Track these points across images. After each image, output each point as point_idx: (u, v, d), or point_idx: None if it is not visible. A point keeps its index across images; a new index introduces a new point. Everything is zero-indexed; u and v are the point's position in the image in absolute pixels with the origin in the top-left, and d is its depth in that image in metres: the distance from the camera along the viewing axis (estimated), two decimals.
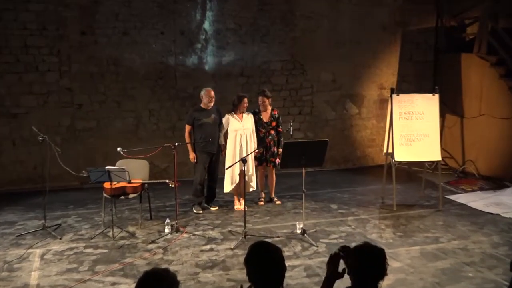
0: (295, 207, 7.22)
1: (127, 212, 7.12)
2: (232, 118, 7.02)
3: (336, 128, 10.39)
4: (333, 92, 10.27)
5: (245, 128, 6.96)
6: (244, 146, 6.91)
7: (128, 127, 9.31)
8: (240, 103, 7.00)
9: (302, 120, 10.20)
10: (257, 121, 7.14)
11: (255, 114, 7.19)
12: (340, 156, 10.45)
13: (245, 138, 6.92)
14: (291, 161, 5.81)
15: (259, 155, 7.17)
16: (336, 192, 8.14)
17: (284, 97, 10.01)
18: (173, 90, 9.46)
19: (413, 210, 7.05)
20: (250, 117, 7.08)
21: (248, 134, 6.95)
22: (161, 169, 9.40)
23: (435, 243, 5.82)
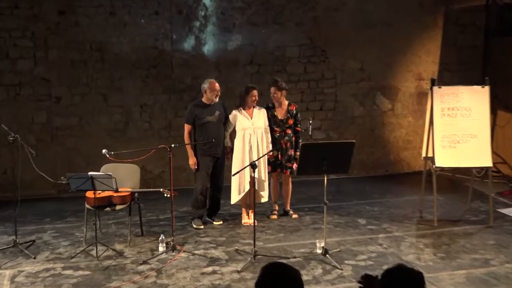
0: (314, 222, 7.20)
1: (114, 226, 7.15)
2: (240, 114, 7.01)
3: (364, 127, 10.36)
4: (361, 84, 10.25)
5: (255, 127, 6.96)
6: (254, 148, 6.91)
7: (115, 125, 9.36)
8: (248, 96, 7.01)
9: (323, 117, 10.19)
10: (270, 118, 7.14)
11: (268, 110, 7.19)
12: (370, 160, 10.42)
13: (256, 138, 6.92)
14: (310, 167, 5.80)
15: (273, 159, 7.17)
16: (364, 204, 8.12)
17: (302, 90, 10.02)
18: (169, 81, 9.50)
19: (457, 227, 7.00)
20: (263, 113, 7.08)
21: (259, 134, 6.95)
22: (155, 175, 9.44)
23: (485, 266, 5.78)
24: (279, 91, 7.19)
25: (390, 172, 10.46)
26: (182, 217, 7.44)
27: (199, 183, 6.98)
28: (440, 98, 7.31)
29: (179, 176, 8.72)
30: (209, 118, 6.89)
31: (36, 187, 8.47)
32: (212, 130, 6.88)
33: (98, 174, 5.95)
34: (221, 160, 7.06)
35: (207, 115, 6.90)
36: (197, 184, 7.02)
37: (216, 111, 6.96)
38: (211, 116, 6.91)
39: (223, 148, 7.07)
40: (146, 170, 9.20)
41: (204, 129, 6.89)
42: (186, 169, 7.54)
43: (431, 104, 7.33)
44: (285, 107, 7.24)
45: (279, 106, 7.23)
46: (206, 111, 6.92)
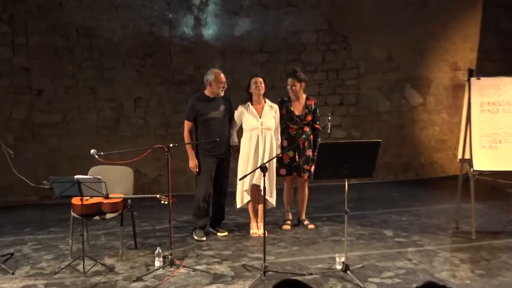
0: (333, 234, 7.19)
1: (104, 238, 7.17)
2: (247, 112, 6.97)
3: (391, 125, 10.35)
4: (387, 75, 10.24)
5: (264, 127, 6.92)
6: (261, 148, 6.91)
7: (105, 121, 9.41)
8: (250, 85, 6.98)
9: (344, 113, 10.19)
10: (285, 113, 7.11)
11: (283, 104, 7.16)
12: (397, 163, 10.40)
13: (264, 141, 6.89)
14: (329, 170, 5.78)
15: (288, 160, 7.15)
16: (391, 213, 8.09)
17: (319, 81, 10.02)
18: (167, 71, 9.53)
19: (499, 239, 6.96)
20: (275, 111, 7.03)
21: (269, 136, 6.91)
22: (150, 179, 9.47)
23: None
24: (298, 82, 7.14)
25: (420, 176, 10.43)
26: (181, 228, 7.45)
27: (201, 187, 6.98)
28: (479, 91, 7.27)
29: (179, 180, 8.74)
30: (213, 113, 6.88)
31: (15, 193, 8.53)
32: (216, 127, 6.87)
33: (86, 178, 5.96)
34: (225, 161, 7.05)
35: (211, 110, 6.88)
36: (199, 189, 7.01)
37: (221, 105, 6.94)
38: (216, 111, 6.89)
39: (228, 148, 7.06)
40: (141, 174, 9.23)
41: (207, 126, 6.87)
42: (186, 172, 7.56)
43: (468, 98, 7.29)
44: (302, 102, 7.20)
45: (296, 100, 7.19)
46: (209, 105, 6.90)
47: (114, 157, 6.41)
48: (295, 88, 7.13)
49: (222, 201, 7.21)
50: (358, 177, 7.01)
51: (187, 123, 6.97)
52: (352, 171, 5.73)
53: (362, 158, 5.76)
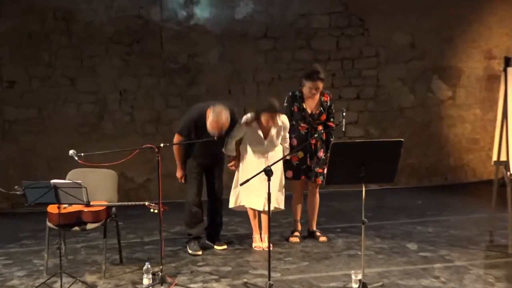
0: (349, 247, 7.18)
1: (84, 251, 7.18)
2: (251, 133, 6.96)
3: (415, 122, 10.34)
4: (411, 64, 10.23)
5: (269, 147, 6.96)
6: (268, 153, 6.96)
7: (86, 117, 9.42)
8: (261, 119, 6.90)
9: (361, 107, 10.18)
10: (297, 111, 7.09)
11: (295, 101, 7.13)
12: (423, 166, 10.39)
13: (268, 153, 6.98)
14: (343, 174, 5.77)
15: (297, 161, 7.14)
16: (415, 224, 8.09)
17: (333, 72, 10.02)
18: (157, 60, 9.54)
19: None
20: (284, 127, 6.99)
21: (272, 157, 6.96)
22: (138, 184, 9.48)
23: None
24: (322, 83, 7.05)
25: (449, 181, 10.42)
26: (174, 240, 7.44)
27: (190, 191, 7.00)
28: None
29: (170, 185, 8.71)
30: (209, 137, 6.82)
31: None
32: (210, 147, 6.85)
33: (64, 183, 5.95)
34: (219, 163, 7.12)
35: (208, 136, 6.80)
36: (188, 192, 7.03)
37: None
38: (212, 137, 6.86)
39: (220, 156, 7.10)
40: (127, 178, 9.23)
41: (200, 144, 6.85)
42: None
43: (504, 90, 7.26)
44: (316, 98, 7.17)
45: (310, 97, 7.16)
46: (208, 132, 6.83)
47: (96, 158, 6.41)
48: (316, 91, 7.09)
49: (219, 208, 7.22)
50: (377, 182, 6.99)
51: (178, 137, 6.95)
52: (370, 175, 5.72)
53: (381, 160, 5.75)
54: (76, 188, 5.86)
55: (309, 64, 9.83)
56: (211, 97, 9.63)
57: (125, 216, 7.88)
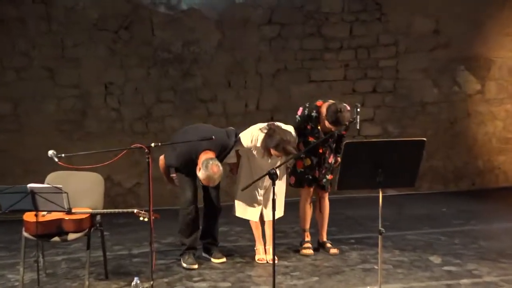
0: (364, 260, 7.18)
1: (65, 265, 7.17)
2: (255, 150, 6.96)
3: (439, 119, 10.33)
4: (435, 53, 10.22)
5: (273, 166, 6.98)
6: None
7: (68, 114, 9.42)
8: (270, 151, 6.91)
9: (378, 102, 10.17)
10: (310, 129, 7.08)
11: (310, 121, 7.10)
12: (447, 169, 10.38)
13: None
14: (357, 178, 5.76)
15: (301, 169, 7.14)
16: (439, 234, 8.08)
17: (346, 61, 10.02)
18: (148, 49, 9.54)
19: None
20: None
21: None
22: (126, 189, 9.48)
23: None
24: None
25: (478, 186, 10.40)
26: (166, 252, 7.45)
27: (183, 195, 7.00)
28: None
29: (162, 190, 8.73)
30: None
31: None
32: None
33: (42, 187, 5.96)
34: None
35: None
36: (181, 197, 7.04)
37: None
38: None
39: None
40: (113, 182, 9.24)
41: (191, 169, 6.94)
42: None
43: None
44: None
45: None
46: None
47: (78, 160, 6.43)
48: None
49: (216, 217, 7.22)
50: (396, 187, 6.97)
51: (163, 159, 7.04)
52: (388, 179, 5.71)
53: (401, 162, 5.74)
54: (56, 193, 5.86)
55: (318, 53, 9.85)
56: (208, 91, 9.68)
57: (111, 225, 7.88)
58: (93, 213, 6.42)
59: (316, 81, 9.91)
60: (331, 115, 6.83)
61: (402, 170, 5.77)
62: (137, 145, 6.26)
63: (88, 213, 6.37)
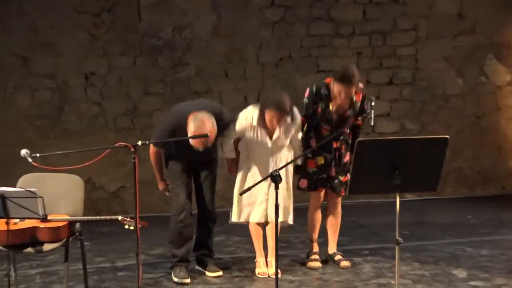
0: (379, 274, 7.19)
1: (40, 279, 7.18)
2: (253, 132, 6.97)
3: (464, 114, 10.33)
4: (459, 40, 10.23)
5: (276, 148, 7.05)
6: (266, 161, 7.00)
7: (43, 108, 9.42)
8: (264, 117, 6.92)
9: (395, 95, 10.19)
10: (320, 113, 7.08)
11: (319, 99, 7.11)
12: (474, 170, 10.38)
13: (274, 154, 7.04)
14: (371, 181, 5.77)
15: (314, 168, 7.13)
16: (464, 244, 8.09)
17: (358, 49, 10.03)
18: (134, 35, 9.53)
19: None
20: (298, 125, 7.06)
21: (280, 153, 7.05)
22: (109, 193, 9.48)
23: None
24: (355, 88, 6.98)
25: (508, 190, 10.41)
26: (154, 265, 7.47)
27: (176, 201, 7.03)
28: None
29: (151, 195, 8.75)
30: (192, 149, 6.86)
31: None
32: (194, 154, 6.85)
33: (14, 191, 5.96)
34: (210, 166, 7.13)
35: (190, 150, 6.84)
36: (173, 204, 7.06)
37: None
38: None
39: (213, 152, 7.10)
40: (95, 185, 9.24)
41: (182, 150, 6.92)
42: None
43: None
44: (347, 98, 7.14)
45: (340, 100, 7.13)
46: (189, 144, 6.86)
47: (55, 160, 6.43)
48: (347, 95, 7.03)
49: (210, 225, 7.23)
50: (416, 190, 6.98)
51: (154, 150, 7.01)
52: (406, 182, 5.72)
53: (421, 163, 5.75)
54: (30, 198, 5.86)
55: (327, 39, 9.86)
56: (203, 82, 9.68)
57: (92, 234, 7.89)
58: (72, 220, 6.42)
59: (325, 71, 9.88)
60: (339, 71, 7.01)
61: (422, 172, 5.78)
62: (122, 144, 6.26)
63: (66, 220, 6.37)
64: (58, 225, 6.29)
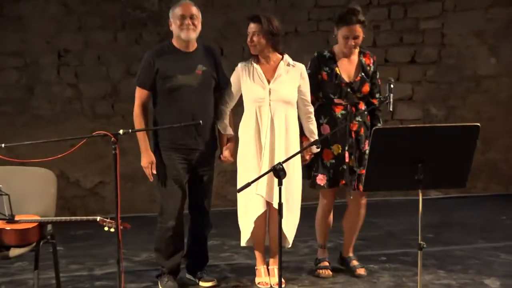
0: (399, 284, 7.21)
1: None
2: (248, 74, 6.98)
3: (499, 98, 10.37)
4: (493, 12, 10.24)
5: (275, 98, 6.94)
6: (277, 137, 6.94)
7: (9, 91, 9.45)
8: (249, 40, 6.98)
9: (418, 77, 10.22)
10: (327, 80, 7.10)
11: (323, 63, 7.12)
12: (509, 164, 10.42)
13: (278, 120, 6.95)
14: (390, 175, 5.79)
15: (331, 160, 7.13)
16: (497, 250, 8.11)
17: (375, 22, 10.05)
18: (114, 6, 9.55)
19: None
20: (300, 73, 7.04)
21: (282, 112, 6.95)
22: (86, 190, 9.51)
23: None
24: (362, 27, 7.01)
25: None
26: (138, 273, 7.50)
27: (166, 206, 7.01)
28: None
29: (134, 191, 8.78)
30: (183, 78, 6.85)
31: None
32: (189, 102, 6.85)
33: None
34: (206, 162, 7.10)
35: (180, 73, 6.83)
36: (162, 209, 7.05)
37: (199, 64, 6.95)
38: (189, 74, 6.88)
39: (212, 139, 7.11)
40: (69, 180, 9.27)
41: (174, 99, 6.87)
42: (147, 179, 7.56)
43: None
44: (355, 59, 7.19)
45: (345, 56, 7.16)
46: (178, 64, 6.86)
47: (24, 152, 6.45)
48: (355, 41, 7.06)
49: (204, 232, 7.23)
50: (441, 187, 6.99)
51: (140, 92, 6.97)
52: (430, 177, 5.74)
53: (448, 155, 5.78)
54: None
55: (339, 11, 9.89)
56: None
57: (66, 237, 7.92)
58: (43, 221, 6.44)
59: None
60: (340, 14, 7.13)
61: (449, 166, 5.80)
62: (101, 133, 6.28)
63: (36, 221, 6.39)
64: (26, 227, 6.30)
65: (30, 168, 6.62)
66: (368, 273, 7.41)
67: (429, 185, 5.82)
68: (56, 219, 6.57)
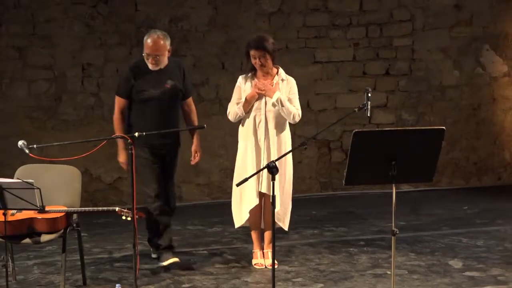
0: (375, 265, 7.19)
1: (37, 270, 7.17)
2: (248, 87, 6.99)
3: (461, 105, 10.33)
4: (456, 31, 10.21)
5: (269, 108, 6.94)
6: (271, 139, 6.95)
7: (39, 99, 9.41)
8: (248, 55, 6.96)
9: (392, 87, 10.18)
10: None
11: None
12: (470, 161, 10.39)
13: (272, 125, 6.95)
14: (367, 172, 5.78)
15: None
16: (460, 235, 8.10)
17: (355, 41, 10.01)
18: (130, 26, 9.52)
19: None
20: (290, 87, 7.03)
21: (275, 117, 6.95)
22: (106, 184, 9.48)
23: None
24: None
25: (504, 181, 10.41)
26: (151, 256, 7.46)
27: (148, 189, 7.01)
28: None
29: None
30: (154, 92, 6.92)
31: None
32: (158, 110, 6.92)
33: (11, 183, 5.97)
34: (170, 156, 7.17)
35: (151, 87, 6.91)
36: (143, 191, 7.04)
37: (168, 79, 6.99)
38: (158, 89, 6.95)
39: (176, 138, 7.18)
40: (92, 176, 9.24)
41: (146, 108, 6.94)
42: None
43: None
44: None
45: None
46: (149, 79, 6.94)
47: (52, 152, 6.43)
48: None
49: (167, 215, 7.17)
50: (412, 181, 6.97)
51: (119, 100, 7.03)
52: (402, 173, 5.73)
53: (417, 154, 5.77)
54: (27, 189, 5.87)
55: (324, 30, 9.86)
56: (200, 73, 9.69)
57: (89, 225, 7.88)
58: (69, 211, 6.43)
59: (322, 62, 9.91)
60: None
61: (419, 163, 5.79)
62: (119, 135, 6.27)
63: (64, 211, 6.37)
64: (55, 216, 6.30)
65: (58, 166, 6.62)
66: (348, 255, 7.40)
67: (401, 180, 5.81)
68: (80, 209, 6.56)
